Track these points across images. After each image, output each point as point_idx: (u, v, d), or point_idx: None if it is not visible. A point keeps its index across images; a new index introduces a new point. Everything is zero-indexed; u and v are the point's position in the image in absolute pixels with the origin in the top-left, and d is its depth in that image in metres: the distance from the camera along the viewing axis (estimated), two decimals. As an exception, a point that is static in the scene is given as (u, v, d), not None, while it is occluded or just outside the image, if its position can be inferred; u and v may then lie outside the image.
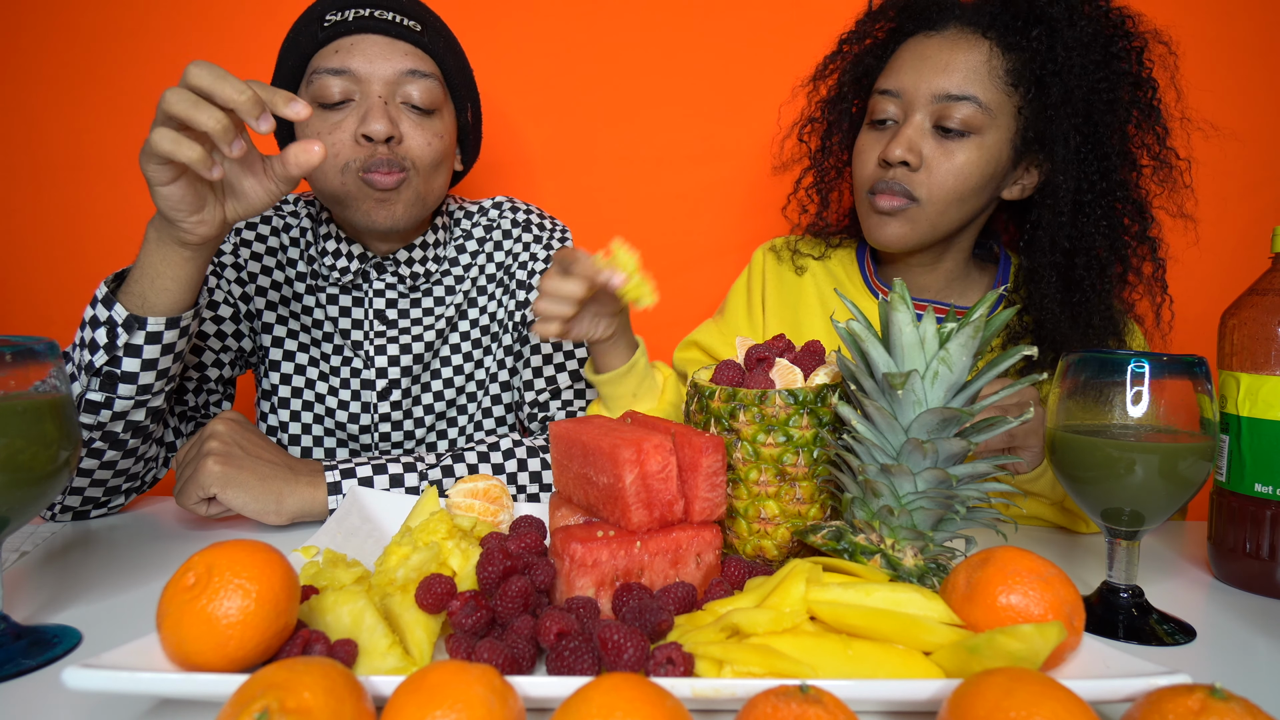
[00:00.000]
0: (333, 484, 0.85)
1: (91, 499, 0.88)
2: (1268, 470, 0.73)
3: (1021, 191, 0.98)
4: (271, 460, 0.85)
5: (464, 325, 1.11)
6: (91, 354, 0.77)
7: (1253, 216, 1.35)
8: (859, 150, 1.00)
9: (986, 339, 0.62)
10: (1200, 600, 0.73)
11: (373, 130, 0.92)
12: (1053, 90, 0.90)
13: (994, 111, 0.91)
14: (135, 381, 0.79)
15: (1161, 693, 0.42)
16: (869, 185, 0.97)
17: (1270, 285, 0.75)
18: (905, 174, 0.93)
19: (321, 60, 0.94)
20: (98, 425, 0.81)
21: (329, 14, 0.95)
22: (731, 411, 0.69)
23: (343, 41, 0.94)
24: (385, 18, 0.95)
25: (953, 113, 0.91)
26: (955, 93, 0.91)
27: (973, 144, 0.92)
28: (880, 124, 0.97)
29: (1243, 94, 1.35)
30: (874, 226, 0.98)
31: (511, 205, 1.15)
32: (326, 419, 1.07)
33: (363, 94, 0.94)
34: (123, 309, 0.76)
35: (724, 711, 0.50)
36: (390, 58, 0.94)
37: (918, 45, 0.95)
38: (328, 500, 0.85)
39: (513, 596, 0.56)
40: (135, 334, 0.76)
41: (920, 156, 0.93)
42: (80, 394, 0.78)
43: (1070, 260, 0.95)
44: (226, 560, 0.49)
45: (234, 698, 0.40)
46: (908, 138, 0.92)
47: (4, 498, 0.56)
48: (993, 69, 0.91)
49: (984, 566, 0.55)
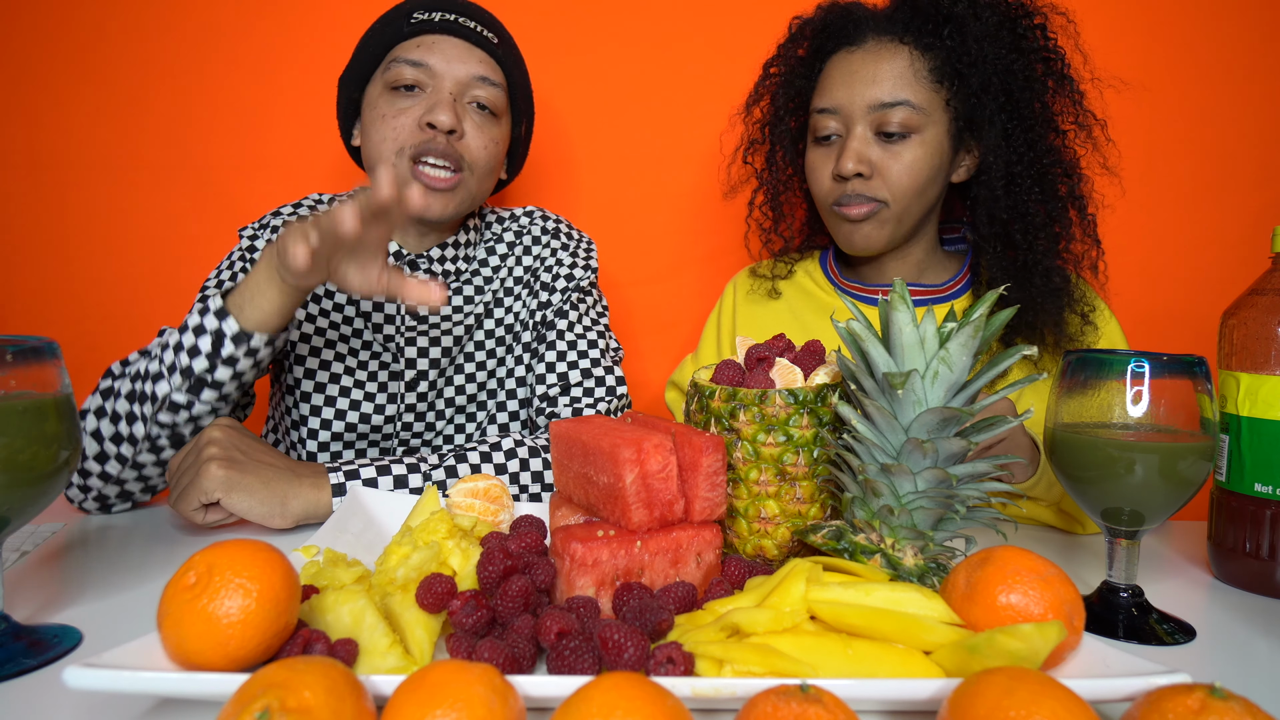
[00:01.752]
0: (336, 485, 0.86)
1: (128, 494, 0.92)
2: (1268, 470, 0.73)
3: (966, 173, 1.04)
4: (273, 464, 0.86)
5: (489, 324, 1.14)
6: (191, 358, 0.81)
7: (1253, 216, 1.35)
8: (811, 168, 1.04)
9: (986, 339, 0.62)
10: (1200, 600, 0.73)
11: (438, 120, 0.98)
12: (972, 80, 0.96)
13: (926, 109, 0.97)
14: (220, 389, 0.84)
15: (1161, 692, 0.42)
16: (831, 200, 1.02)
17: (1270, 285, 0.75)
18: (861, 184, 0.99)
19: (402, 51, 1.01)
20: (170, 425, 0.85)
21: (416, 12, 1.02)
22: (731, 411, 0.69)
23: (425, 39, 1.01)
24: (467, 25, 1.02)
25: (890, 118, 0.97)
26: (888, 100, 0.96)
27: (915, 142, 0.97)
28: (825, 139, 1.02)
29: (1243, 94, 1.35)
30: (848, 234, 1.03)
31: (543, 214, 1.20)
32: (350, 412, 1.09)
33: (434, 88, 1.01)
34: (234, 323, 0.80)
35: (724, 711, 0.50)
36: (466, 61, 1.01)
37: (843, 62, 1.01)
38: (331, 502, 0.85)
39: (513, 596, 0.56)
40: (240, 347, 0.81)
41: (870, 164, 0.98)
42: (165, 395, 0.82)
43: (1008, 229, 1.00)
44: (227, 560, 0.49)
45: (234, 697, 0.40)
46: (855, 150, 0.98)
47: (4, 497, 0.56)
48: (916, 71, 0.97)
49: (984, 566, 0.55)
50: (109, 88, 1.40)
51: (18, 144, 1.40)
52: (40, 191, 1.41)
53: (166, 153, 1.41)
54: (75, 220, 1.42)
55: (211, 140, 1.41)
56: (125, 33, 1.39)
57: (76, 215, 1.42)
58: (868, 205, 0.99)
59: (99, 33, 1.39)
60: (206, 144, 1.41)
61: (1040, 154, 0.99)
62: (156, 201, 1.42)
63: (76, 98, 1.40)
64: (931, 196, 1.02)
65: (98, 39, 1.39)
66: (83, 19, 1.39)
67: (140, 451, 0.87)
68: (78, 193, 1.41)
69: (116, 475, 0.88)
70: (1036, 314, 0.97)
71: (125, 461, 0.87)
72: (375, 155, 1.01)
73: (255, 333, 0.81)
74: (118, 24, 1.39)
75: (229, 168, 1.42)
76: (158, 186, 1.42)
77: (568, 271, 1.14)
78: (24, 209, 1.41)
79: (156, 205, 1.42)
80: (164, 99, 1.40)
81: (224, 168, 1.42)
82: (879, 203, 0.99)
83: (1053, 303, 0.98)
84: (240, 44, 1.39)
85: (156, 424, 0.84)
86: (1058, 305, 0.97)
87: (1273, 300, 0.73)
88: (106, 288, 1.40)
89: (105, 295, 1.41)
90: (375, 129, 1.01)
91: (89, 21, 1.39)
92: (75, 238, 1.42)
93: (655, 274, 1.46)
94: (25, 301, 1.43)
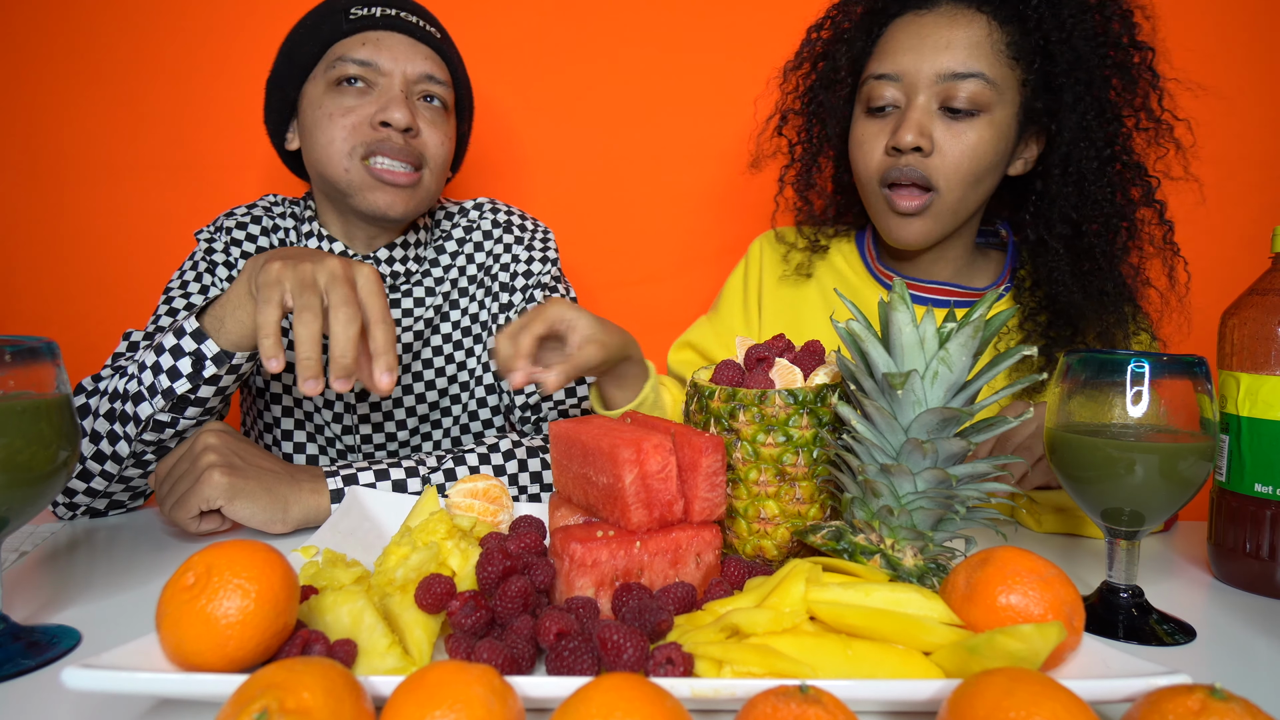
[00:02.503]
0: (335, 491, 0.85)
1: (118, 503, 0.92)
2: (1268, 470, 0.73)
3: (1024, 166, 0.96)
4: (273, 469, 0.85)
5: (446, 327, 1.11)
6: (172, 380, 0.79)
7: (1253, 216, 1.35)
8: (859, 141, 0.96)
9: (986, 339, 0.62)
10: (1200, 600, 0.73)
11: (394, 118, 0.95)
12: (1061, 59, 0.88)
13: (1000, 86, 0.89)
14: (204, 405, 0.82)
15: (1161, 693, 0.42)
16: (879, 176, 0.94)
17: (1270, 285, 0.75)
18: (918, 159, 0.90)
19: (346, 49, 0.97)
20: (157, 442, 0.84)
21: (354, 8, 0.98)
22: (731, 411, 0.69)
23: (369, 35, 0.97)
24: (410, 20, 0.99)
25: (959, 91, 0.88)
26: (961, 70, 0.88)
27: (983, 122, 0.89)
28: (879, 111, 0.93)
29: (1243, 94, 1.35)
30: (895, 227, 0.95)
31: (492, 206, 1.16)
32: (314, 416, 1.08)
33: (384, 85, 0.97)
34: (214, 344, 0.78)
35: (724, 711, 0.50)
36: (413, 58, 0.98)
37: (911, 25, 0.92)
38: (330, 508, 0.85)
39: (512, 596, 0.56)
40: (222, 366, 0.79)
41: (931, 140, 0.90)
42: (149, 416, 0.80)
43: (1077, 229, 0.93)
44: (226, 560, 0.49)
45: (233, 698, 0.40)
46: (917, 121, 0.89)
47: (3, 498, 0.56)
48: (994, 43, 0.89)
49: (984, 566, 0.55)
50: (109, 89, 1.40)
51: (17, 144, 1.40)
52: (40, 192, 1.41)
53: (166, 153, 1.41)
54: (75, 221, 1.42)
55: (211, 141, 1.41)
56: (124, 33, 1.39)
57: (76, 216, 1.42)
58: (920, 198, 0.92)
59: (98, 33, 1.39)
60: (206, 145, 1.41)
61: (1115, 152, 0.92)
62: (156, 202, 1.42)
63: (76, 98, 1.40)
64: (987, 187, 0.94)
65: (97, 40, 1.39)
66: (82, 19, 1.39)
67: (126, 467, 0.86)
68: (77, 193, 1.41)
69: (104, 490, 0.88)
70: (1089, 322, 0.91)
71: (110, 478, 0.86)
72: (324, 156, 0.97)
73: (236, 351, 0.79)
74: (116, 25, 1.39)
75: (228, 168, 1.42)
76: (157, 187, 1.42)
77: (525, 268, 1.10)
78: (24, 209, 1.41)
79: (156, 206, 1.42)
80: (163, 99, 1.40)
81: (223, 168, 1.42)
82: (931, 191, 0.92)
83: (1111, 313, 0.92)
84: (239, 45, 1.38)
85: (141, 442, 0.83)
86: (1117, 316, 0.92)
87: (1273, 300, 0.73)
88: (106, 288, 1.40)
89: (104, 296, 1.41)
90: (322, 129, 0.96)
91: (88, 22, 1.39)
92: (75, 238, 1.42)
93: (644, 276, 1.46)
94: (25, 302, 1.43)
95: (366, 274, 0.74)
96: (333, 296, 0.70)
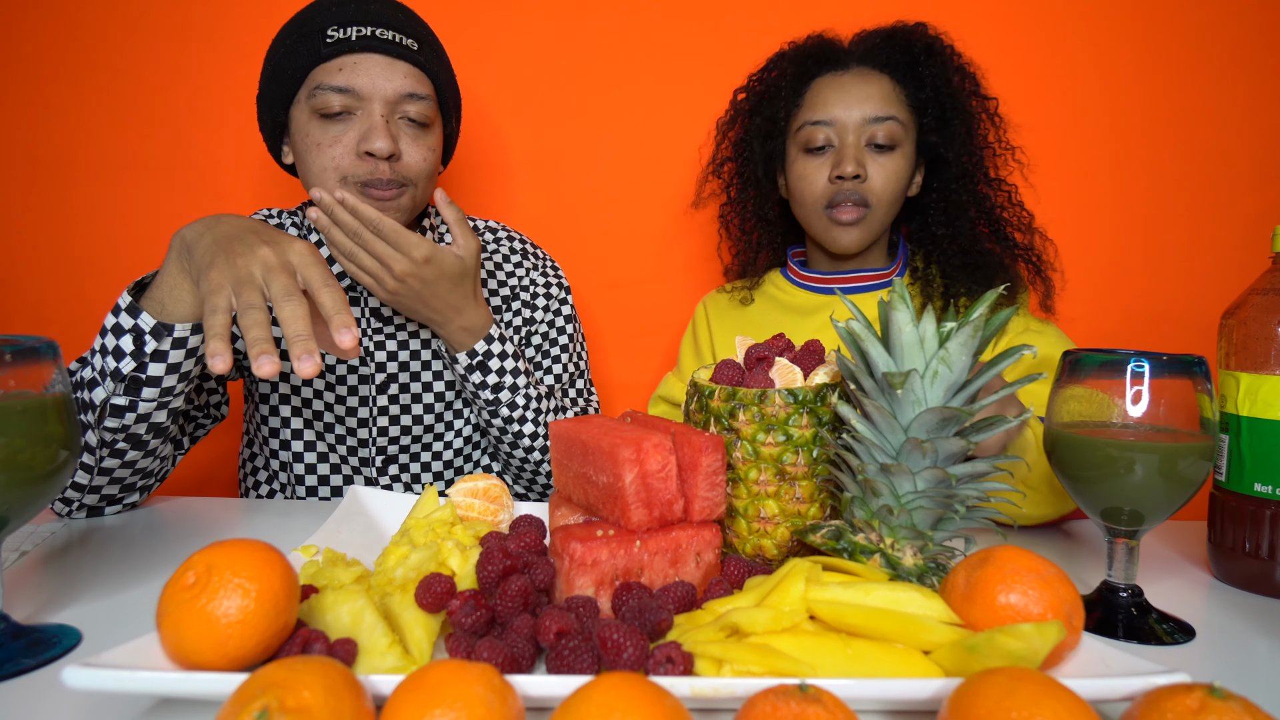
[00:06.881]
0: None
1: (109, 497, 0.91)
2: (1268, 470, 0.73)
3: (915, 188, 1.21)
4: None
5: None
6: (117, 360, 0.78)
7: (1253, 216, 1.36)
8: (802, 176, 1.17)
9: (986, 338, 0.62)
10: (1200, 600, 0.73)
11: (376, 148, 0.95)
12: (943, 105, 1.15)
13: (907, 126, 1.15)
14: (159, 385, 0.81)
15: (1161, 692, 0.42)
16: (824, 201, 1.15)
17: (1270, 285, 0.75)
18: (856, 185, 1.13)
19: (325, 76, 0.96)
20: (122, 428, 0.83)
21: (330, 29, 0.97)
22: (731, 411, 0.69)
23: (346, 60, 0.96)
24: (386, 37, 0.97)
25: (880, 131, 1.12)
26: (880, 114, 1.12)
27: (899, 154, 1.14)
28: (818, 150, 1.15)
29: (1243, 94, 1.35)
30: (838, 235, 1.16)
31: (508, 234, 1.22)
32: (326, 413, 1.07)
33: (364, 111, 0.97)
34: (149, 317, 0.78)
35: (724, 711, 0.50)
36: (391, 79, 0.97)
37: (833, 82, 1.15)
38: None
39: (512, 596, 0.56)
40: (163, 340, 0.78)
41: (865, 169, 1.13)
42: (105, 399, 0.80)
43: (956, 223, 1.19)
44: (226, 559, 0.49)
45: (233, 697, 0.40)
46: (854, 156, 1.12)
47: (3, 497, 0.56)
48: (898, 95, 1.15)
49: (983, 566, 0.55)
50: (110, 88, 1.40)
51: (18, 144, 1.40)
52: (41, 192, 1.41)
53: (167, 153, 1.41)
54: (75, 221, 1.42)
55: (212, 141, 1.41)
56: (127, 34, 1.39)
57: (76, 216, 1.42)
58: (857, 210, 1.14)
59: (101, 34, 1.39)
60: (207, 145, 1.41)
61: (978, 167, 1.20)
62: (157, 202, 1.42)
63: (77, 98, 1.40)
64: (900, 203, 1.18)
65: (99, 40, 1.39)
66: (84, 20, 1.39)
67: (102, 458, 0.85)
68: (78, 193, 1.41)
69: (88, 484, 0.87)
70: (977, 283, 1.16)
71: (90, 470, 0.86)
72: (319, 183, 0.98)
73: (176, 324, 0.78)
74: (120, 25, 1.39)
75: (230, 168, 1.42)
76: (158, 187, 1.42)
77: (543, 292, 1.18)
78: (24, 209, 1.41)
79: (157, 206, 1.42)
80: (164, 99, 1.40)
81: (225, 168, 1.42)
82: (865, 207, 1.14)
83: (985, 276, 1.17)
84: (239, 45, 1.39)
85: (107, 430, 0.82)
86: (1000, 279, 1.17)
87: (1273, 300, 0.73)
88: (107, 288, 1.40)
89: (105, 296, 1.40)
90: (312, 158, 0.98)
91: (90, 22, 1.39)
92: (75, 238, 1.42)
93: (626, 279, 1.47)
94: (25, 301, 1.43)
95: (299, 250, 0.74)
96: (273, 290, 0.70)
